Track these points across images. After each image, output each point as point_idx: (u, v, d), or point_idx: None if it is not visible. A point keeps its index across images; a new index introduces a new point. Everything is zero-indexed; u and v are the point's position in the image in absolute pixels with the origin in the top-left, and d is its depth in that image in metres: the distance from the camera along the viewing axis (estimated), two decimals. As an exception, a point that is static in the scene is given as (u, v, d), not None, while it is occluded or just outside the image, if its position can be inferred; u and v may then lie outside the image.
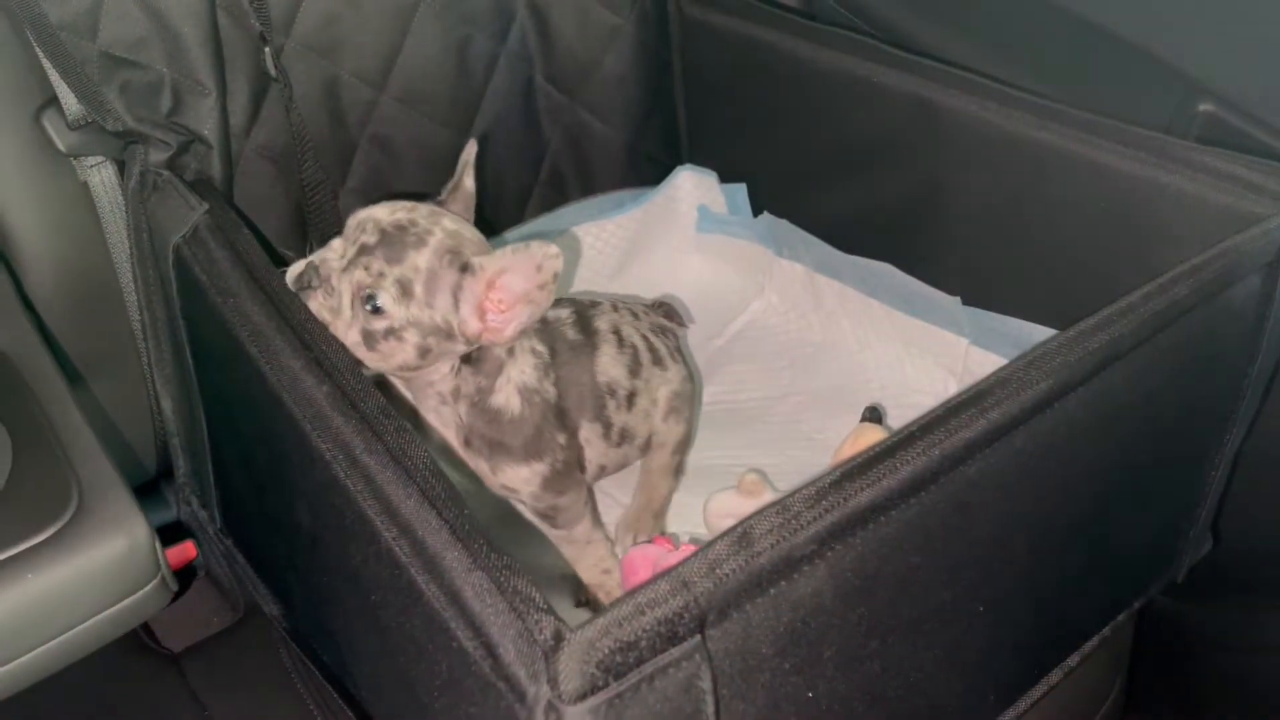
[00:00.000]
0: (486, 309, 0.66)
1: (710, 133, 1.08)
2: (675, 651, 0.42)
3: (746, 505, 0.79)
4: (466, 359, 0.69)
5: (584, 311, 0.81)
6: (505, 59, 0.96)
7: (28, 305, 0.77)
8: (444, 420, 0.72)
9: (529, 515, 0.80)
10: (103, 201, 0.80)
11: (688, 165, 1.08)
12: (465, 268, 0.65)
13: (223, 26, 0.78)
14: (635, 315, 0.85)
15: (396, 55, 0.90)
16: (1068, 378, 0.54)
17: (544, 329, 0.76)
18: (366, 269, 0.64)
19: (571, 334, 0.78)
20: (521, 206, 1.04)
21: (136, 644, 0.84)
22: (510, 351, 0.71)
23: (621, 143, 1.06)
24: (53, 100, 0.76)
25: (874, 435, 0.83)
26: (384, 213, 0.66)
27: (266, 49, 0.80)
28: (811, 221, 1.02)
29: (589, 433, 0.77)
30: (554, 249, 0.63)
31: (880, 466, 0.48)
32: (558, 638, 0.41)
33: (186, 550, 0.78)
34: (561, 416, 0.74)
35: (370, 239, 0.65)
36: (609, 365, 0.78)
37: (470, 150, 0.75)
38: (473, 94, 0.95)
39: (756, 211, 1.07)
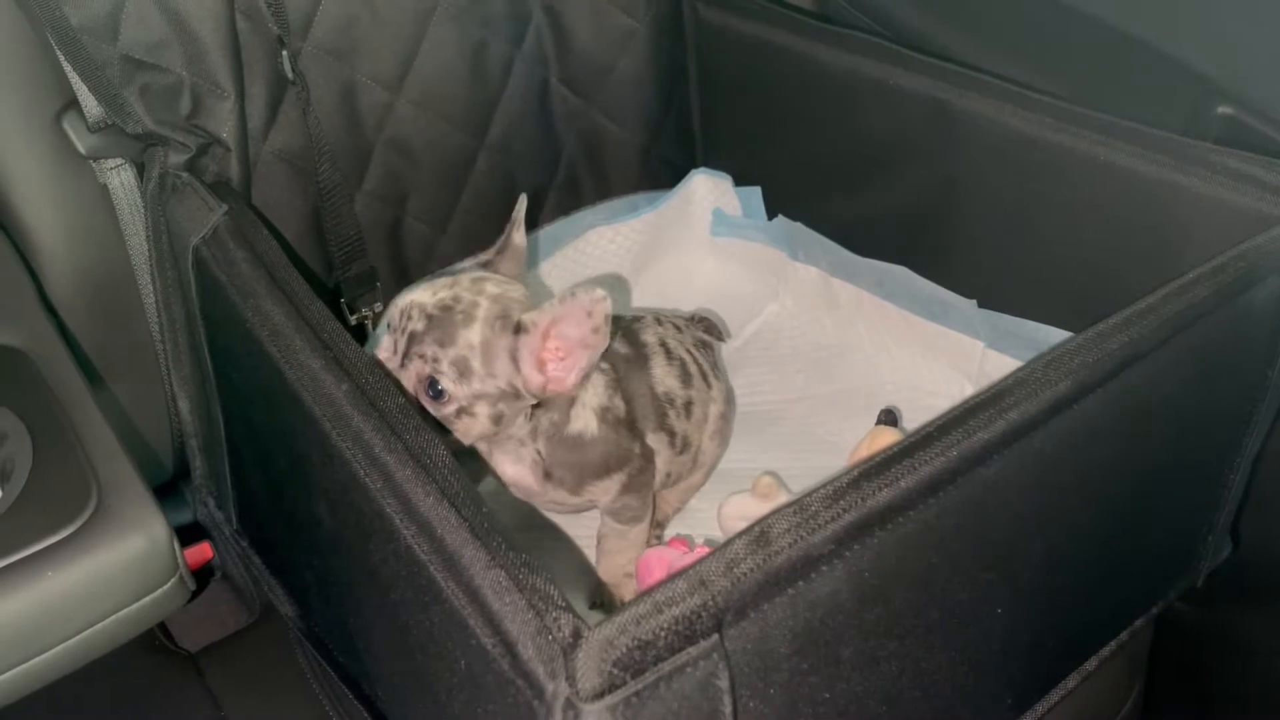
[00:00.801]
0: (546, 360, 0.66)
1: (725, 136, 1.08)
2: (693, 650, 0.42)
3: (761, 508, 0.78)
4: (537, 403, 0.70)
5: (629, 326, 0.82)
6: (521, 62, 0.96)
7: (48, 306, 0.78)
8: (521, 459, 0.73)
9: (548, 516, 0.80)
10: (122, 203, 0.80)
11: (702, 168, 1.08)
12: (518, 328, 0.66)
13: (241, 30, 0.79)
14: (678, 329, 0.85)
15: (413, 59, 0.90)
16: (1087, 379, 0.54)
17: None
18: (422, 358, 0.65)
19: (622, 348, 0.79)
20: (536, 210, 1.05)
21: (153, 643, 0.85)
22: None
23: (636, 146, 1.06)
24: (73, 103, 0.76)
25: (890, 438, 0.83)
26: (427, 295, 0.66)
27: (284, 52, 0.80)
28: (826, 224, 1.01)
29: (655, 442, 0.78)
30: (600, 292, 0.63)
31: (898, 467, 0.48)
32: (576, 635, 0.41)
33: (203, 551, 0.79)
34: (631, 427, 0.75)
35: (418, 326, 0.65)
36: (663, 376, 0.79)
37: (521, 206, 0.75)
38: (489, 97, 0.96)
39: (771, 214, 1.07)
